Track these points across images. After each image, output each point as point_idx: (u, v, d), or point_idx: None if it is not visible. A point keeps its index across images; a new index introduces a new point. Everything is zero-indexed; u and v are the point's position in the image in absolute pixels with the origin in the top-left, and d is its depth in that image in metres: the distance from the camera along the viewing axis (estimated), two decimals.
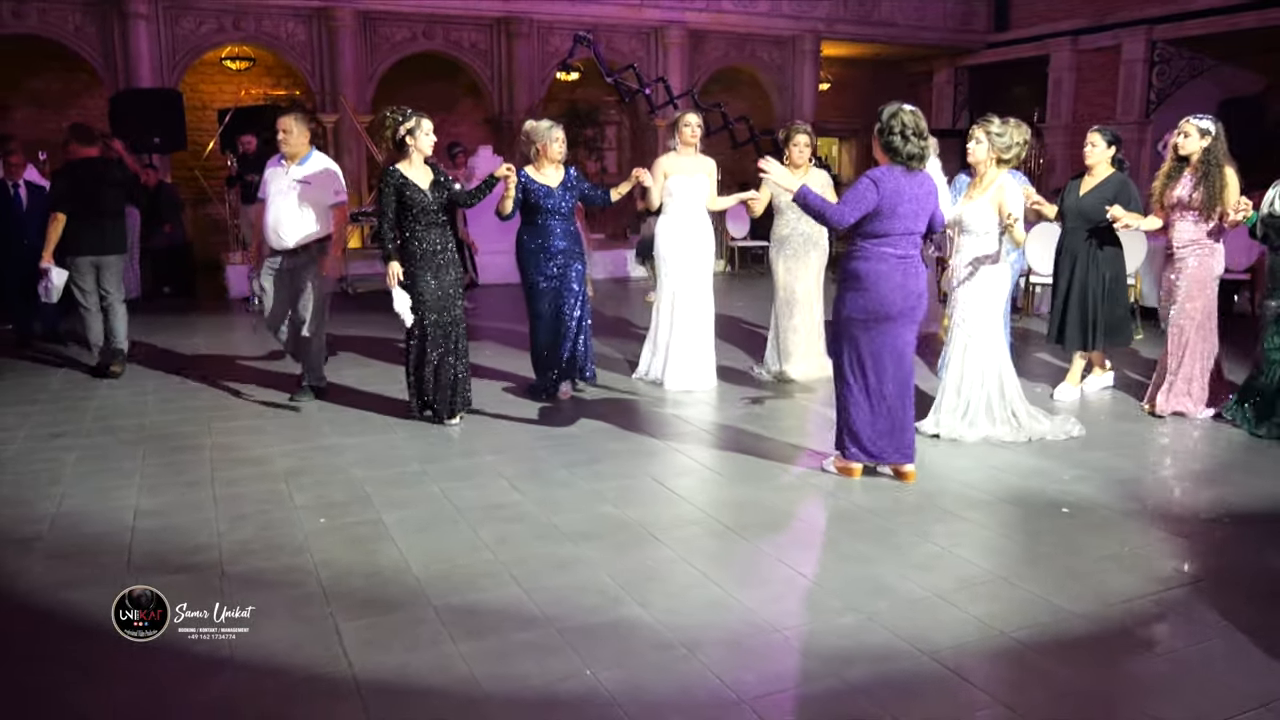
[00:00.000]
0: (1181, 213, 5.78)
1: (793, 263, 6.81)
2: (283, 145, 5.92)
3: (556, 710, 2.80)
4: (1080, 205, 6.16)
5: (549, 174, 6.13)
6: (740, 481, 4.80)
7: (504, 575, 3.66)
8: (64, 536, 4.06)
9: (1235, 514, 4.38)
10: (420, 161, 5.55)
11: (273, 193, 5.95)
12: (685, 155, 6.61)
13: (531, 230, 6.15)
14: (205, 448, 5.29)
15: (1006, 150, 5.20)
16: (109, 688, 2.91)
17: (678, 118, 6.65)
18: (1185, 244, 5.79)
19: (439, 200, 5.55)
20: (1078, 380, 6.53)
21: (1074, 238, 6.24)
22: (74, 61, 13.12)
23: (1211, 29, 14.13)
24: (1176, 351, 5.89)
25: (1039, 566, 3.78)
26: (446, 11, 14.33)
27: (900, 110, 4.41)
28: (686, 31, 15.71)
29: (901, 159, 4.38)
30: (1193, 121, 5.73)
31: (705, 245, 6.68)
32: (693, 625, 3.27)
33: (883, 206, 4.35)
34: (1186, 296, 5.82)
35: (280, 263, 6.02)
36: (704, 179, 6.64)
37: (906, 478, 4.67)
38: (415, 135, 5.50)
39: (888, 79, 19.24)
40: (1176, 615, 3.39)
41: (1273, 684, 2.93)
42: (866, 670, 2.99)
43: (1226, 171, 5.64)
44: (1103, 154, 6.13)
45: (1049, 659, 3.07)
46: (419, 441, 5.42)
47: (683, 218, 6.61)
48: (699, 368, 6.66)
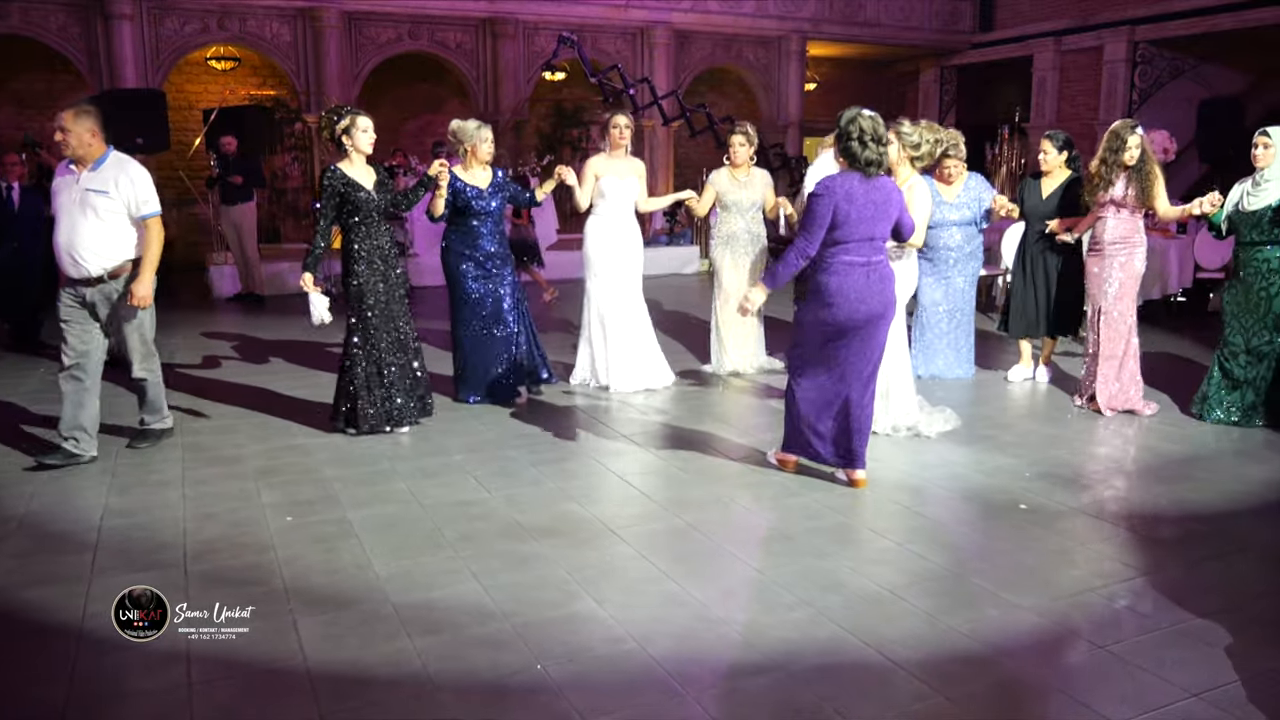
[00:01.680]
0: (1115, 210, 5.95)
1: (741, 259, 6.94)
2: (64, 149, 4.83)
3: (505, 702, 2.86)
4: (1044, 209, 6.50)
5: (478, 175, 6.06)
6: (704, 479, 4.86)
7: (464, 572, 3.72)
8: (31, 536, 4.11)
9: (1190, 511, 4.45)
10: (362, 161, 5.42)
11: (61, 205, 4.89)
12: (616, 157, 6.58)
13: (460, 233, 6.07)
14: (177, 447, 5.33)
15: (916, 149, 5.29)
16: (69, 681, 2.96)
17: (607, 119, 6.62)
18: (1116, 240, 5.97)
19: (384, 200, 5.46)
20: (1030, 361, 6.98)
21: (1036, 237, 6.61)
22: (58, 61, 13.14)
23: (1192, 30, 14.22)
24: (1114, 350, 6.02)
25: (992, 561, 3.85)
26: (432, 12, 14.36)
27: (859, 115, 4.39)
28: (672, 32, 15.76)
29: (859, 164, 4.35)
30: (1136, 133, 5.87)
31: (635, 246, 6.66)
32: (645, 620, 3.33)
33: (837, 214, 4.32)
34: (1119, 294, 5.99)
35: (84, 294, 4.93)
36: (635, 180, 6.62)
37: (858, 484, 4.66)
38: (352, 134, 5.35)
39: (875, 79, 19.34)
40: (1121, 609, 3.45)
41: (1209, 675, 2.99)
42: (813, 663, 3.05)
43: (1155, 168, 5.90)
44: (1056, 159, 6.50)
45: (993, 651, 3.14)
46: (388, 441, 5.47)
47: (613, 219, 6.58)
48: (647, 366, 6.66)
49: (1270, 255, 5.50)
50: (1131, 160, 5.85)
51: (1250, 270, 5.59)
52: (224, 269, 11.53)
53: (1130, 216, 5.95)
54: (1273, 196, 5.46)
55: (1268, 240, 5.49)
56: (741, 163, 6.92)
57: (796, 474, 4.83)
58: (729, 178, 6.99)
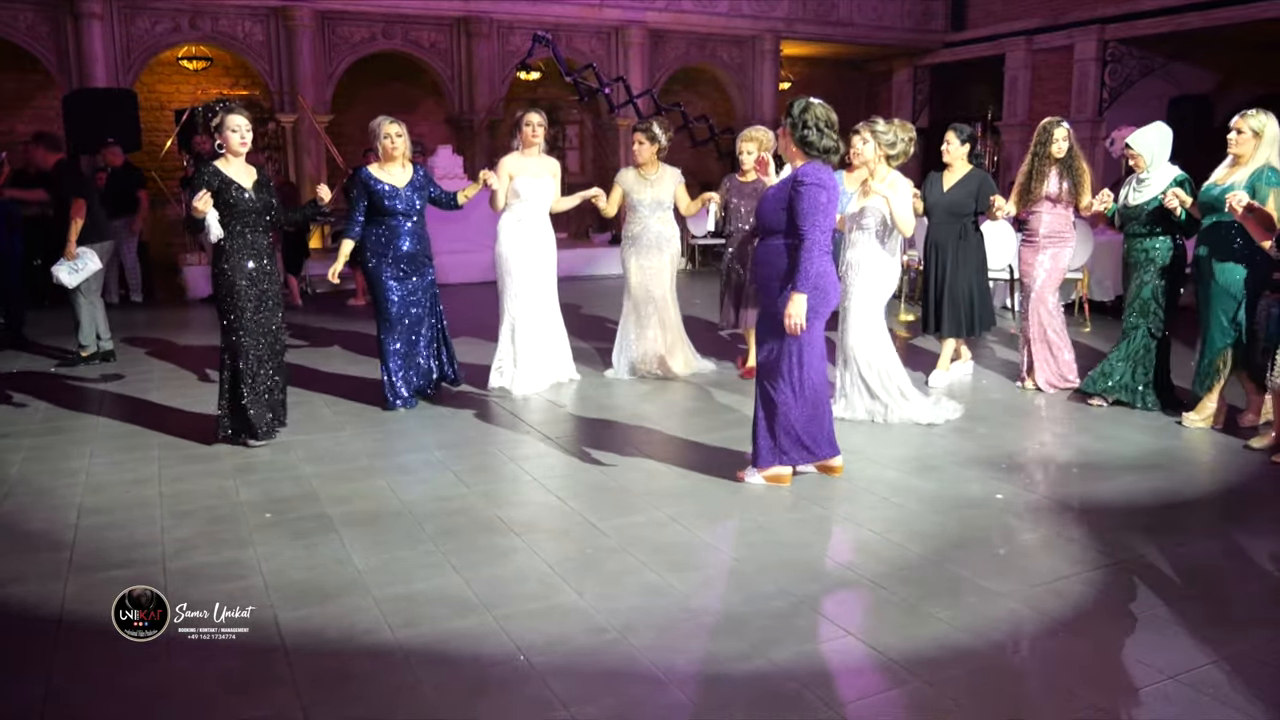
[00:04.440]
0: (1051, 205, 6.31)
1: (646, 260, 6.75)
2: None
3: (487, 693, 2.85)
4: (946, 200, 6.61)
5: (394, 173, 5.86)
6: (685, 472, 4.86)
7: (445, 565, 3.71)
8: (6, 535, 4.06)
9: (1163, 499, 4.51)
10: (239, 161, 5.08)
11: None
12: (530, 156, 6.41)
13: (378, 232, 5.86)
14: (153, 446, 5.29)
15: (892, 148, 5.43)
16: (46, 677, 2.93)
17: (520, 116, 6.41)
18: (1050, 234, 6.35)
19: (264, 202, 5.13)
20: (948, 365, 6.88)
21: (941, 231, 6.66)
22: (26, 60, 12.98)
23: (1160, 29, 14.40)
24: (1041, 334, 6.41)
25: (969, 550, 3.88)
26: (406, 11, 14.30)
27: (810, 104, 4.37)
28: (647, 31, 15.78)
29: (817, 152, 4.32)
30: (1063, 127, 6.25)
31: (550, 247, 6.53)
32: (626, 610, 3.34)
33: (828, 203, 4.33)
34: (1047, 286, 6.38)
35: None
36: (549, 180, 6.48)
37: (835, 472, 4.70)
38: (222, 132, 5.00)
39: (848, 78, 19.44)
40: (1099, 596, 3.49)
41: (1186, 658, 3.03)
42: (793, 651, 3.07)
43: (1084, 165, 6.27)
44: (959, 151, 6.61)
45: (971, 638, 3.17)
46: (367, 438, 5.45)
47: (528, 219, 6.41)
48: (554, 363, 6.62)
49: (1148, 245, 5.84)
50: (1059, 153, 6.19)
51: (1133, 259, 5.95)
52: (197, 269, 11.43)
53: (1064, 211, 6.31)
54: (1153, 193, 5.77)
55: (1147, 233, 5.83)
56: (645, 161, 6.69)
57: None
58: (636, 176, 6.75)
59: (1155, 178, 5.77)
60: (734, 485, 4.64)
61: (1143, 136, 5.80)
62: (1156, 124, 5.87)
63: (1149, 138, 5.78)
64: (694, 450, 5.21)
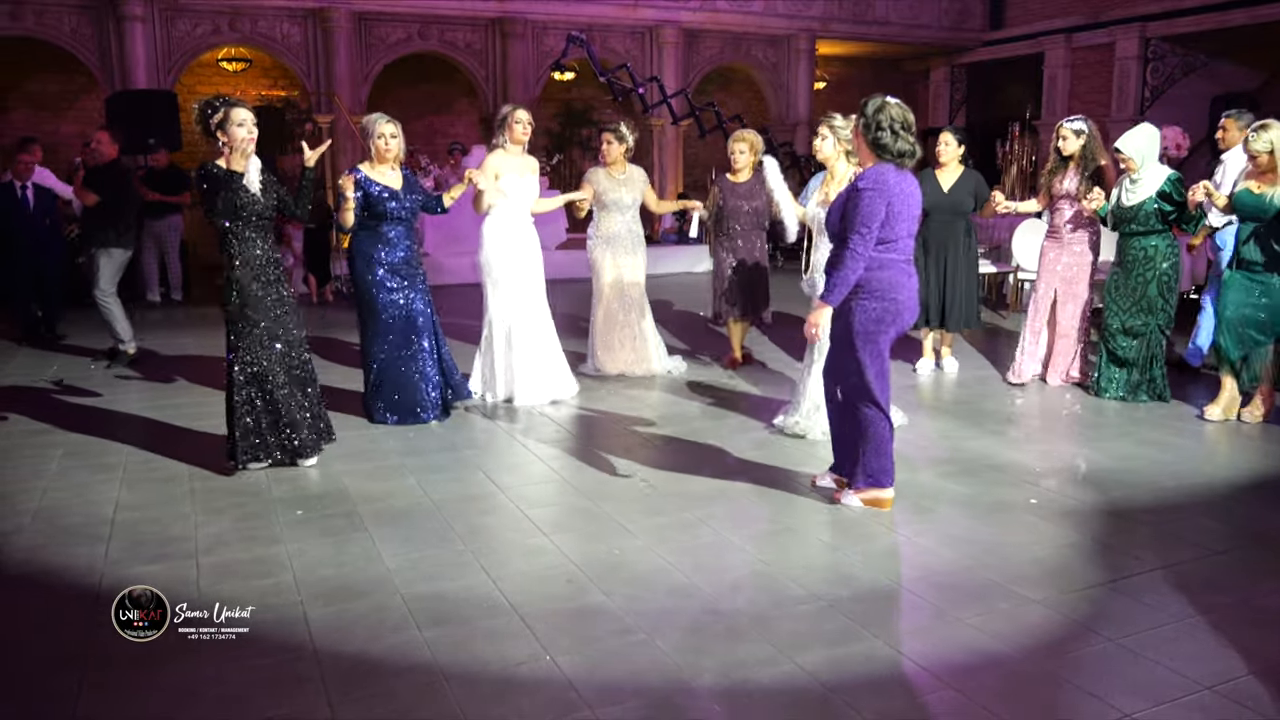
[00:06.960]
0: (1071, 203, 6.44)
1: (624, 259, 6.77)
2: None
3: (512, 692, 2.85)
4: (948, 200, 6.81)
5: (388, 175, 5.58)
6: (708, 474, 4.84)
7: (473, 565, 3.72)
8: (44, 529, 4.13)
9: (1201, 503, 4.43)
10: (241, 159, 4.61)
11: None
12: (514, 154, 6.18)
13: (371, 238, 5.58)
14: (184, 444, 5.34)
15: (851, 144, 5.13)
16: (81, 671, 2.97)
17: (508, 113, 6.19)
18: (1074, 230, 6.50)
19: (270, 204, 4.79)
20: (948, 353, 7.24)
21: (943, 229, 6.86)
22: (71, 63, 13.22)
23: (1203, 26, 14.16)
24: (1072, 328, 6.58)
25: (1001, 555, 3.83)
26: (441, 12, 14.40)
27: (886, 103, 4.11)
28: (681, 31, 15.77)
29: (891, 155, 4.05)
30: (1066, 125, 6.42)
31: (536, 248, 6.28)
32: (654, 611, 3.32)
33: (890, 211, 4.02)
34: (1076, 278, 6.51)
35: None
36: (531, 178, 6.29)
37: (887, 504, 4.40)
38: (226, 128, 4.59)
39: (884, 78, 19.26)
40: (1132, 602, 3.43)
41: (1221, 668, 2.97)
42: (821, 656, 3.04)
43: (1102, 162, 6.35)
44: (954, 152, 6.83)
45: (1002, 644, 3.12)
46: (397, 436, 5.48)
47: (513, 219, 6.16)
48: (554, 377, 6.28)
49: (1147, 244, 6.00)
50: (1066, 150, 6.37)
51: (1130, 258, 6.08)
52: None
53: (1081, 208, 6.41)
54: (1146, 194, 5.92)
55: (1146, 230, 5.98)
56: (614, 161, 6.72)
57: (798, 468, 4.81)
58: (606, 176, 6.75)
59: (1147, 178, 5.93)
60: (762, 488, 4.62)
61: (1131, 139, 5.94)
62: (1144, 125, 6.06)
63: (1137, 140, 5.94)
64: (722, 454, 5.18)
